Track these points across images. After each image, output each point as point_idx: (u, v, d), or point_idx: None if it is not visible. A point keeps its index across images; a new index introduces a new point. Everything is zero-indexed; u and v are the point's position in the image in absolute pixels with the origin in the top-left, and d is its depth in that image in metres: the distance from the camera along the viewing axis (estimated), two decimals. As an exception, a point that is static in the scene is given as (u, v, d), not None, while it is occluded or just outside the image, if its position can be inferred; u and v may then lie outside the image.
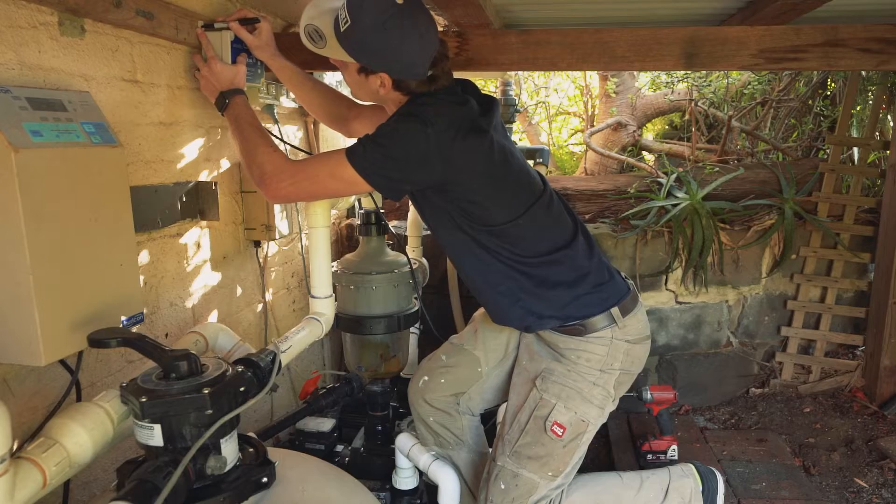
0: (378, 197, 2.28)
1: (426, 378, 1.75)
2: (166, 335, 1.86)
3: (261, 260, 2.37)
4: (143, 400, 1.04)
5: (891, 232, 2.80)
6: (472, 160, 1.44)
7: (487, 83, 5.37)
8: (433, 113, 1.42)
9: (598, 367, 1.53)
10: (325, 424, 2.30)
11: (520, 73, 4.53)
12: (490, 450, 1.75)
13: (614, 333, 1.53)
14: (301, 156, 2.19)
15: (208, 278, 2.07)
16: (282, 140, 2.42)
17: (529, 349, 1.62)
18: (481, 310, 1.84)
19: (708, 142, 4.32)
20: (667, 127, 5.10)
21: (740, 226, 3.02)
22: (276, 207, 2.23)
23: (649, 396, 2.50)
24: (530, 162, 2.97)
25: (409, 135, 1.40)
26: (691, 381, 3.08)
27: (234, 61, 1.80)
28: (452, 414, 1.70)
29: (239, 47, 1.81)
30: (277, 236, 2.25)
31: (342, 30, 1.44)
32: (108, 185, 1.36)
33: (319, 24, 1.53)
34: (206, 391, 1.07)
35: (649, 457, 2.52)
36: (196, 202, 1.94)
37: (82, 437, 1.10)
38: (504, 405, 1.72)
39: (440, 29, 2.19)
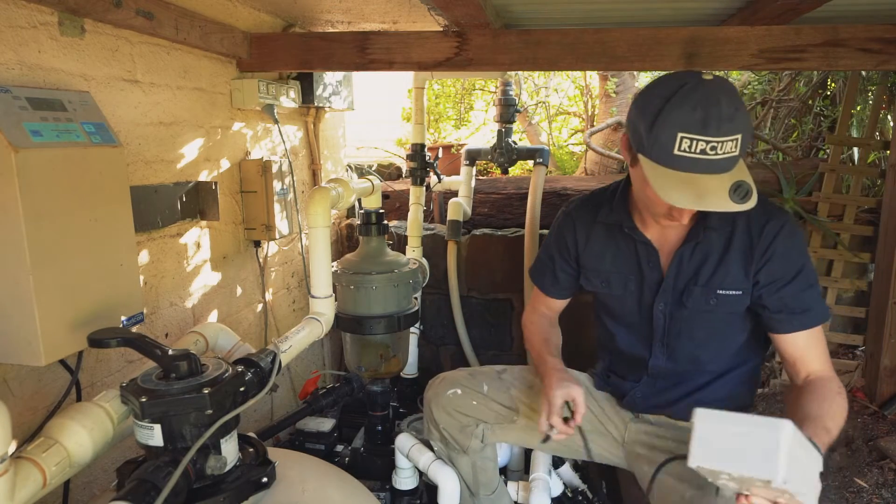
0: (376, 198, 2.28)
1: (458, 391, 1.62)
2: (166, 335, 1.86)
3: (261, 260, 2.37)
4: (143, 400, 1.05)
5: (891, 232, 2.80)
6: None
7: (487, 83, 5.37)
8: None
9: None
10: (325, 424, 2.30)
11: (520, 73, 4.53)
12: (493, 450, 1.74)
13: None
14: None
15: (208, 278, 2.07)
16: (282, 140, 2.42)
17: None
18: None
19: (708, 142, 4.31)
20: (667, 127, 5.08)
21: (740, 226, 3.02)
22: (276, 207, 2.23)
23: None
24: (530, 162, 2.97)
25: None
26: (691, 381, 3.07)
27: None
28: (467, 433, 1.65)
29: None
30: (277, 236, 2.25)
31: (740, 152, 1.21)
32: (108, 185, 1.36)
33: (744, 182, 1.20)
34: (206, 391, 1.07)
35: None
36: (196, 202, 1.95)
37: (82, 437, 1.10)
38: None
39: (440, 29, 2.19)
